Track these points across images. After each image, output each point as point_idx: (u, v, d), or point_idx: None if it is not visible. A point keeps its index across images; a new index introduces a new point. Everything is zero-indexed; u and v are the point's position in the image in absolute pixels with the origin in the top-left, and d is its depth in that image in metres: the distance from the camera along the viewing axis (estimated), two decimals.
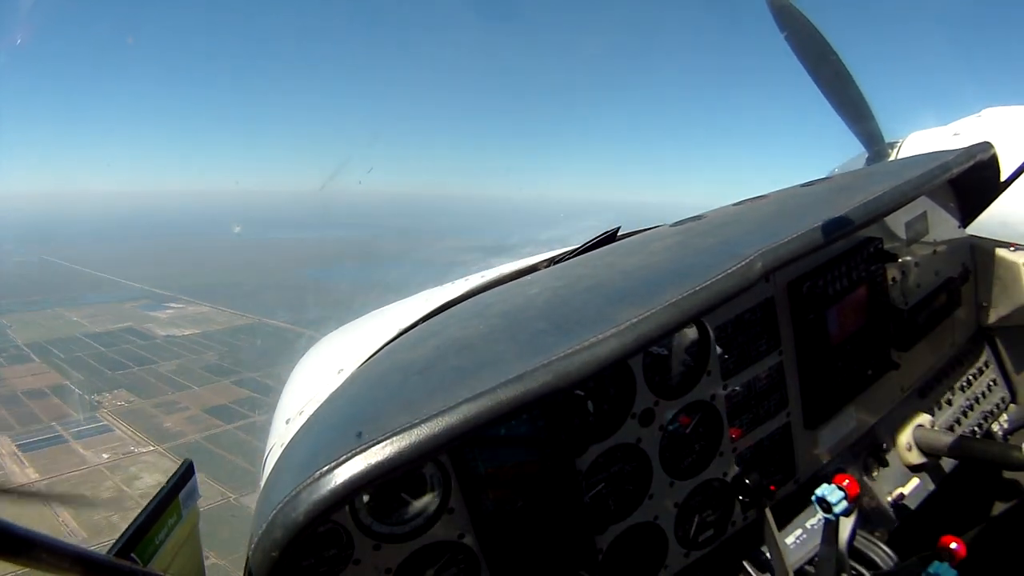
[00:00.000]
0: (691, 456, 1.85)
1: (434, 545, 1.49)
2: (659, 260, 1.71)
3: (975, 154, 2.21)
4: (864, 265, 2.13)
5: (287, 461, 1.37)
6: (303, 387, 2.11)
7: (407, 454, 1.07)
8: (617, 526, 1.72)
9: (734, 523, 1.93)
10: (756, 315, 1.92)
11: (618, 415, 1.70)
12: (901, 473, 2.28)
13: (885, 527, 2.18)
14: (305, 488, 1.07)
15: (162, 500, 1.30)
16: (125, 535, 1.18)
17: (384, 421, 1.13)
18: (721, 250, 1.60)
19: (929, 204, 2.46)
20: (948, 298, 2.43)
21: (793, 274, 1.97)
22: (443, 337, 1.58)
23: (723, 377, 1.86)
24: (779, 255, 1.55)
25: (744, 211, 2.24)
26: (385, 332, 2.00)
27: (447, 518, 1.50)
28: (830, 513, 1.91)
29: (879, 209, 1.81)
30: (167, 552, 1.28)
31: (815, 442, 2.08)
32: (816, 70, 4.27)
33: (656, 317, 1.29)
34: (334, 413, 1.45)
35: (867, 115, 4.37)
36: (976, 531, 2.00)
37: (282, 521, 1.07)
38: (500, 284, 2.13)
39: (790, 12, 4.15)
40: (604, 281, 1.65)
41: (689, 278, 1.43)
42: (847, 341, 2.09)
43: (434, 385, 1.23)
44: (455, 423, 1.10)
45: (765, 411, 1.97)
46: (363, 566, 1.43)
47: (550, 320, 1.38)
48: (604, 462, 1.70)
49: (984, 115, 4.15)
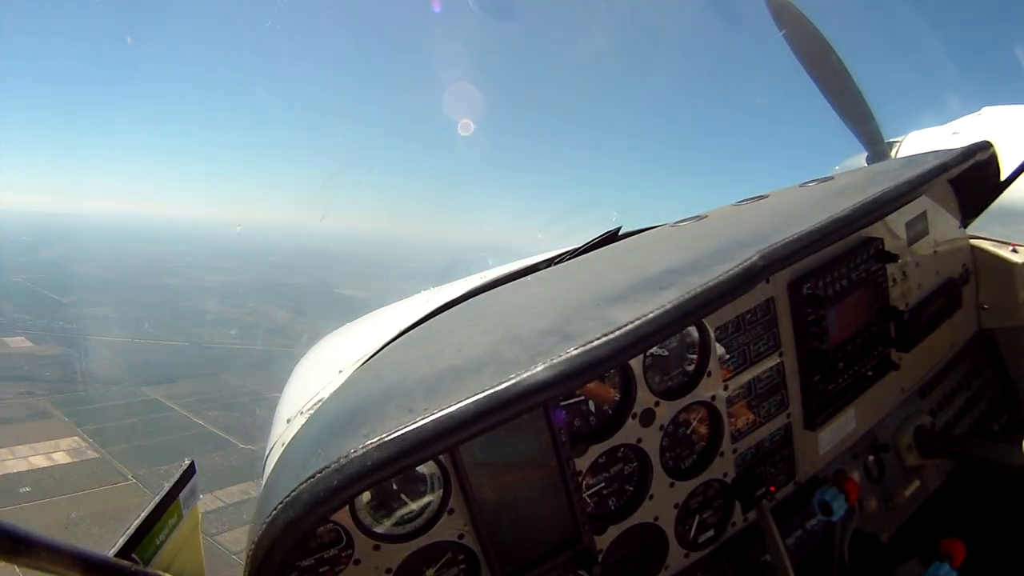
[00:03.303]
0: (691, 457, 1.85)
1: (434, 545, 1.49)
2: (659, 260, 1.71)
3: (975, 153, 2.21)
4: (864, 265, 2.13)
5: (287, 461, 1.37)
6: (304, 387, 2.11)
7: (407, 454, 1.07)
8: (617, 526, 1.72)
9: (734, 524, 1.93)
10: (756, 316, 1.92)
11: (618, 415, 1.70)
12: (901, 474, 2.28)
13: (885, 528, 2.19)
14: (305, 488, 1.07)
15: (163, 500, 1.30)
16: (126, 535, 1.18)
17: (384, 421, 1.13)
18: (721, 250, 1.60)
19: (929, 204, 2.46)
20: (948, 299, 2.43)
21: (793, 274, 1.97)
22: (443, 337, 1.58)
23: (723, 378, 1.86)
24: (779, 255, 1.55)
25: (744, 211, 2.24)
26: (385, 332, 2.00)
27: (447, 518, 1.50)
28: (830, 515, 1.92)
29: (879, 209, 1.81)
30: (168, 552, 1.28)
31: (815, 443, 2.08)
32: (815, 69, 4.27)
33: (656, 318, 1.29)
34: (334, 413, 1.45)
35: (867, 115, 4.37)
36: (976, 531, 2.00)
37: (282, 521, 1.07)
38: (500, 284, 2.14)
39: (789, 11, 4.15)
40: (604, 281, 1.65)
41: (689, 278, 1.43)
42: (847, 342, 2.09)
43: (434, 385, 1.23)
44: (455, 423, 1.10)
45: (765, 412, 1.97)
46: (363, 566, 1.43)
47: (550, 320, 1.38)
48: (604, 462, 1.70)
49: (984, 114, 4.15)
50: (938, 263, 2.49)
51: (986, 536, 2.06)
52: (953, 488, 2.37)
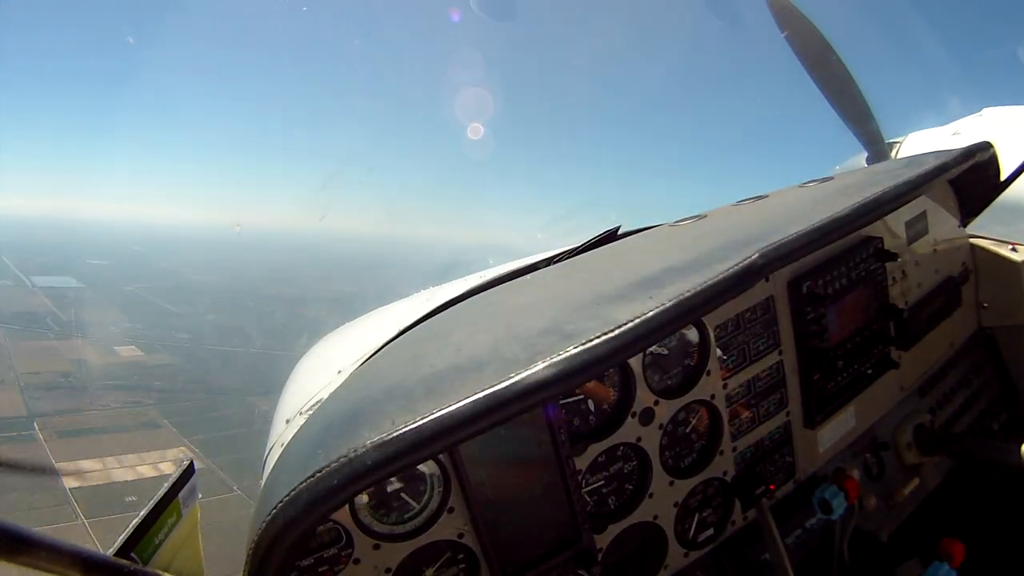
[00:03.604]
0: (691, 455, 1.85)
1: (434, 544, 1.49)
2: (659, 259, 1.71)
3: (975, 154, 2.22)
4: (864, 264, 2.13)
5: (287, 461, 1.37)
6: (303, 387, 2.11)
7: (407, 454, 1.07)
8: (617, 525, 1.72)
9: (734, 523, 1.93)
10: (756, 314, 1.92)
11: (618, 414, 1.70)
12: (901, 472, 2.28)
13: (885, 527, 2.18)
14: (305, 488, 1.07)
15: (162, 499, 1.30)
16: (125, 535, 1.18)
17: (384, 421, 1.13)
18: (721, 249, 1.60)
19: (929, 204, 2.46)
20: (948, 298, 2.43)
21: (793, 273, 1.97)
22: (443, 337, 1.58)
23: (723, 376, 1.86)
24: (779, 253, 1.55)
25: (744, 211, 2.24)
26: (385, 332, 2.00)
27: (447, 518, 1.49)
28: (830, 513, 1.92)
29: (879, 209, 1.81)
30: (167, 552, 1.28)
31: (815, 441, 2.08)
32: (816, 70, 4.28)
33: (656, 316, 1.29)
34: (334, 413, 1.45)
35: (867, 115, 4.37)
36: (976, 531, 2.00)
37: (282, 520, 1.07)
38: (500, 283, 2.13)
39: (790, 12, 4.16)
40: (604, 280, 1.64)
41: (689, 277, 1.43)
42: (847, 340, 2.09)
43: (434, 385, 1.23)
44: (455, 422, 1.10)
45: (765, 410, 1.97)
46: (363, 566, 1.43)
47: (550, 319, 1.37)
48: (604, 461, 1.70)
49: (984, 115, 4.15)
50: (938, 262, 2.49)
51: (986, 535, 2.06)
52: (953, 486, 2.37)
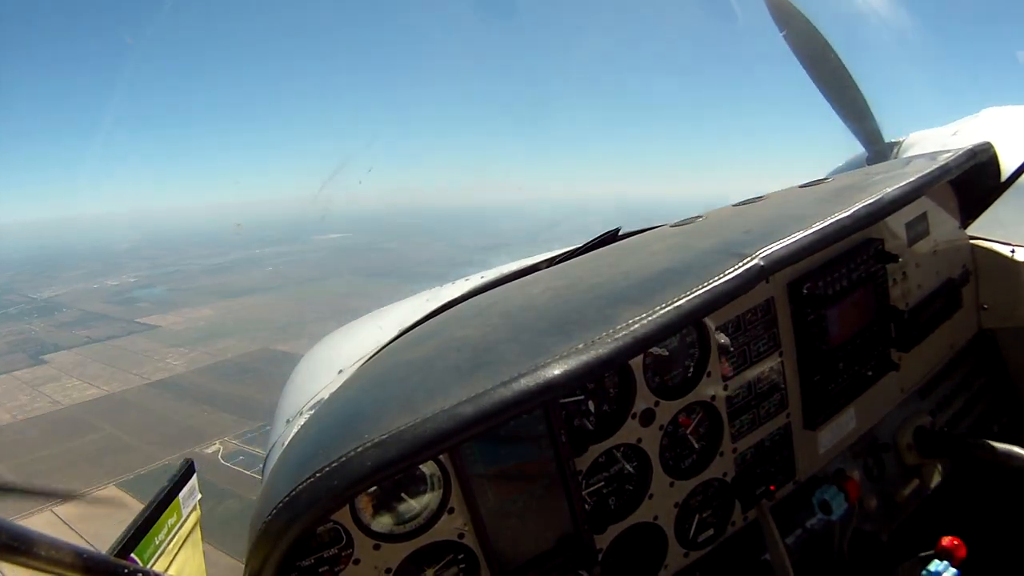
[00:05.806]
0: (691, 456, 1.85)
1: (434, 545, 1.49)
2: (659, 260, 1.71)
3: (975, 154, 2.21)
4: (864, 266, 2.12)
5: (287, 461, 1.37)
6: (304, 387, 2.11)
7: (407, 454, 1.07)
8: (617, 526, 1.72)
9: (734, 523, 1.93)
10: (756, 316, 1.92)
11: (618, 415, 1.70)
12: (901, 474, 2.28)
13: (885, 527, 2.18)
14: (305, 488, 1.07)
15: (162, 500, 1.30)
16: (125, 535, 1.18)
17: (384, 421, 1.13)
18: (721, 250, 1.60)
19: (930, 204, 2.46)
20: (948, 299, 2.43)
21: (793, 275, 1.97)
22: (443, 337, 1.58)
23: (723, 378, 1.86)
24: (779, 255, 1.55)
25: (744, 211, 2.24)
26: (385, 332, 2.00)
27: (447, 518, 1.49)
28: (830, 513, 1.92)
29: (879, 210, 1.81)
30: (168, 552, 1.28)
31: (815, 443, 2.08)
32: (815, 69, 4.27)
33: (657, 318, 1.29)
34: (334, 413, 1.45)
35: (867, 115, 4.36)
36: (976, 531, 2.00)
37: (282, 520, 1.07)
38: (500, 284, 2.13)
39: (789, 10, 4.14)
40: (605, 281, 1.65)
41: (689, 278, 1.43)
42: (847, 342, 2.09)
43: (434, 385, 1.23)
44: (455, 423, 1.10)
45: (765, 412, 1.97)
46: (363, 566, 1.43)
47: (551, 320, 1.38)
48: (604, 462, 1.70)
49: (983, 115, 4.14)
50: (938, 263, 2.48)
51: (986, 535, 2.06)
52: (953, 487, 2.37)
